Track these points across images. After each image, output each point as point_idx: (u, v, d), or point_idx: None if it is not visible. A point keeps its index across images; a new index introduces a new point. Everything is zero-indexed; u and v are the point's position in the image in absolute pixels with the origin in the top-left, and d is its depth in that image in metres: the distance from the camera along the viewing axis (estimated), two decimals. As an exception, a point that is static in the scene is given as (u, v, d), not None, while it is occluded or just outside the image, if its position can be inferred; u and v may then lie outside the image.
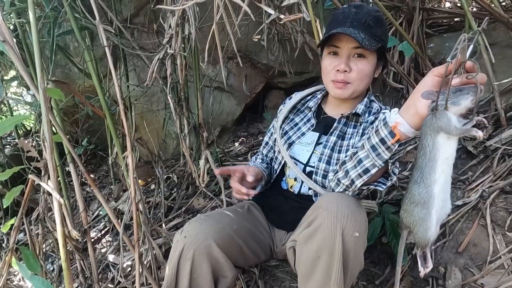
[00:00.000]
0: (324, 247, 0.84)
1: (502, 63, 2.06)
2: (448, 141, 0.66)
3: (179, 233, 1.04)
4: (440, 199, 0.70)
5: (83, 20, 1.68)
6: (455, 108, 0.64)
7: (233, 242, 1.07)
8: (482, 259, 1.20)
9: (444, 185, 0.69)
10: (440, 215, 0.71)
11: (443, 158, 0.67)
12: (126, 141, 1.28)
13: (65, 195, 1.54)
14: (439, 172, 0.68)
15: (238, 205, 1.26)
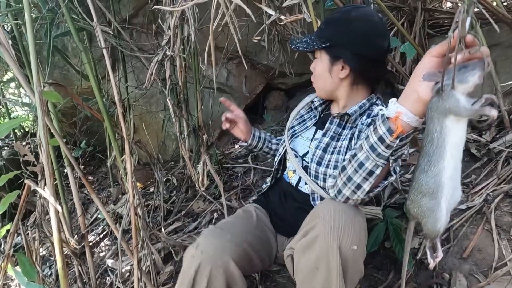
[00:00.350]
0: (322, 259, 0.83)
1: (505, 64, 2.04)
2: (457, 124, 0.61)
3: (194, 247, 0.99)
4: (450, 187, 0.64)
5: (81, 21, 1.65)
6: (463, 86, 0.59)
7: (247, 255, 1.06)
8: (488, 265, 1.17)
9: (453, 172, 0.64)
10: (450, 204, 0.66)
11: (453, 143, 0.62)
12: (124, 144, 1.26)
13: (63, 199, 1.51)
14: (448, 158, 0.63)
15: (246, 211, 1.22)
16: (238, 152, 2.36)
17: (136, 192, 1.34)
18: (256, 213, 1.21)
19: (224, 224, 1.13)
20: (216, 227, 1.09)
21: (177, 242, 1.55)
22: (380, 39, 1.02)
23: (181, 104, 1.84)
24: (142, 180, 2.07)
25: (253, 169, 2.09)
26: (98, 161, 2.95)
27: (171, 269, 1.49)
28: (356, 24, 1.01)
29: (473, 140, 1.72)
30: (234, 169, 2.16)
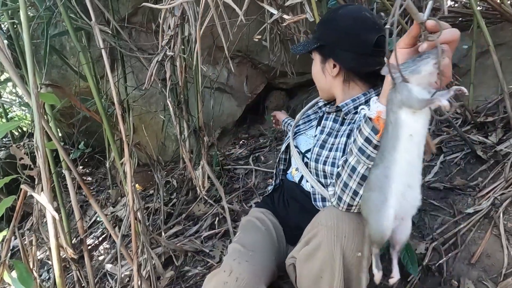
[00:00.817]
0: (325, 267, 0.81)
1: (511, 64, 2.01)
2: (413, 116, 0.56)
3: (225, 272, 0.92)
4: (401, 183, 0.57)
5: (79, 21, 1.61)
6: (416, 76, 0.55)
7: (274, 275, 1.04)
8: (497, 272, 1.15)
9: (407, 167, 0.57)
10: (403, 205, 0.57)
11: (407, 135, 0.56)
12: (123, 145, 1.22)
13: (61, 202, 1.48)
14: (401, 151, 0.57)
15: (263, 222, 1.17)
16: (239, 153, 2.33)
17: (136, 196, 1.30)
18: (272, 224, 1.17)
19: (253, 244, 1.05)
20: (246, 248, 1.02)
21: (177, 246, 1.51)
22: (368, 33, 0.97)
23: (181, 105, 1.81)
24: (142, 183, 2.04)
25: (255, 170, 2.06)
26: (97, 162, 2.92)
27: (172, 274, 1.46)
28: (342, 21, 1.01)
29: (479, 142, 1.69)
30: (235, 171, 2.12)
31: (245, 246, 1.02)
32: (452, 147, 1.77)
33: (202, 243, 1.58)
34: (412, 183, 0.58)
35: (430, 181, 1.60)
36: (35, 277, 1.30)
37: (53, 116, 1.34)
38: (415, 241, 1.34)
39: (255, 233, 1.10)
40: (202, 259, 1.51)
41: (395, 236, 0.61)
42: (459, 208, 1.42)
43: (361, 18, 0.99)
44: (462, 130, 1.83)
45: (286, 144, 1.27)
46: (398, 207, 0.58)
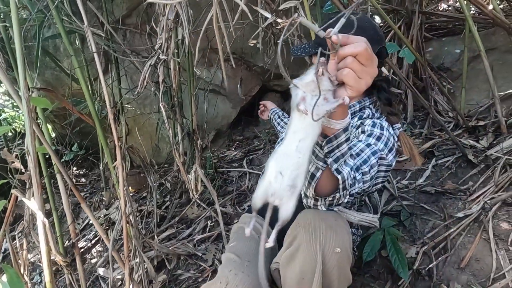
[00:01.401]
0: (306, 267, 0.81)
1: (502, 69, 2.03)
2: (300, 116, 0.64)
3: (222, 284, 0.92)
4: (273, 168, 0.66)
5: (73, 24, 1.60)
6: (301, 83, 0.63)
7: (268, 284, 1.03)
8: (485, 276, 1.16)
9: (282, 156, 0.66)
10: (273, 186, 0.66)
11: (291, 131, 0.66)
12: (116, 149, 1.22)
13: (53, 206, 1.47)
14: (284, 144, 0.66)
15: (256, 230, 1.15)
16: (233, 156, 2.33)
17: (128, 200, 1.30)
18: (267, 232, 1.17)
19: (247, 254, 1.05)
20: (241, 258, 1.02)
21: (170, 250, 1.51)
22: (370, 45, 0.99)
23: (175, 107, 1.80)
24: (135, 186, 2.03)
25: (249, 173, 2.06)
26: (91, 163, 2.90)
27: (164, 278, 1.46)
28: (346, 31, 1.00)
29: (470, 146, 1.71)
30: (229, 173, 2.13)
31: (240, 256, 1.02)
32: (444, 151, 1.78)
33: (195, 247, 1.58)
34: (283, 171, 0.66)
35: (422, 185, 1.62)
36: (26, 281, 1.30)
37: (44, 119, 1.33)
38: (406, 245, 1.35)
39: (249, 242, 1.10)
40: (195, 263, 1.51)
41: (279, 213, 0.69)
42: (450, 212, 1.43)
43: (363, 28, 0.98)
44: (454, 134, 1.84)
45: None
46: (269, 185, 0.66)
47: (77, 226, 2.04)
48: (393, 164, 0.96)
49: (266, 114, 1.67)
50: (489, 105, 1.92)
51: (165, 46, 1.42)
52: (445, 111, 2.04)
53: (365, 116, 1.05)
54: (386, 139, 0.94)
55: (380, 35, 1.01)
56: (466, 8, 1.70)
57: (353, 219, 1.08)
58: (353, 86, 0.61)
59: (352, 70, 0.60)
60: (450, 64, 2.22)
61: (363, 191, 0.94)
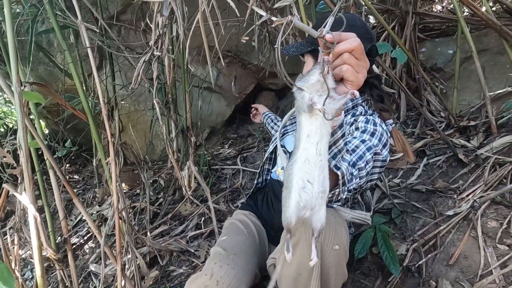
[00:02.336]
0: (303, 263, 0.82)
1: (494, 70, 2.06)
2: (310, 119, 0.64)
3: (207, 276, 0.93)
4: (300, 178, 0.64)
5: (68, 19, 1.59)
6: (306, 85, 0.63)
7: (256, 277, 1.04)
8: (473, 272, 1.18)
9: (305, 163, 0.64)
10: (304, 198, 0.64)
11: (305, 136, 0.64)
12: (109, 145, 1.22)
13: (45, 201, 1.46)
14: (301, 150, 0.65)
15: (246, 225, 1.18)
16: (227, 153, 2.33)
17: (121, 196, 1.30)
18: (255, 226, 1.18)
19: (234, 248, 1.06)
20: (227, 251, 1.03)
21: (163, 246, 1.52)
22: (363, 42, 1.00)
23: (169, 104, 1.80)
24: (128, 182, 2.03)
25: (242, 171, 2.07)
26: (84, 160, 2.89)
27: (156, 274, 1.46)
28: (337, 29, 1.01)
29: (461, 145, 1.73)
30: (223, 171, 2.13)
31: (227, 250, 1.03)
32: (435, 150, 1.81)
33: (188, 243, 1.59)
34: (310, 178, 0.64)
35: (413, 183, 1.63)
36: (17, 276, 1.29)
37: (37, 114, 1.33)
38: (397, 242, 1.37)
39: (238, 236, 1.11)
40: (187, 259, 1.52)
41: (311, 224, 0.67)
42: (440, 210, 1.45)
43: (355, 27, 1.00)
44: (446, 134, 1.87)
45: (274, 145, 1.28)
46: (299, 199, 0.64)
47: (70, 223, 2.03)
48: (387, 159, 0.97)
49: (258, 117, 1.68)
50: (480, 106, 1.95)
51: (159, 42, 1.42)
52: (437, 111, 2.07)
53: (358, 113, 1.06)
54: (380, 135, 0.95)
55: (370, 33, 1.02)
56: (459, 9, 1.72)
57: (347, 216, 1.09)
58: (353, 80, 0.63)
59: (350, 66, 0.61)
60: (443, 65, 2.24)
61: (359, 187, 0.95)
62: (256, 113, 1.69)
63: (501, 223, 1.30)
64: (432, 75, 2.23)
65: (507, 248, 1.21)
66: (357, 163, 0.86)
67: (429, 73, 2.24)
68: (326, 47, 0.61)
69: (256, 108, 1.70)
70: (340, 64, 0.61)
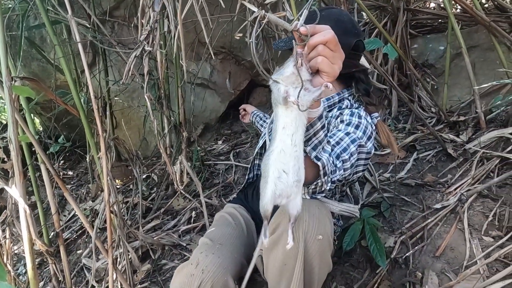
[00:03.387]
0: (288, 254, 0.84)
1: (484, 66, 2.08)
2: (285, 111, 0.65)
3: (192, 265, 0.95)
4: (276, 169, 0.66)
5: (60, 14, 1.60)
6: (282, 77, 0.64)
7: (242, 267, 1.05)
8: (459, 264, 1.20)
9: (280, 154, 0.66)
10: (279, 187, 0.66)
11: (281, 127, 0.66)
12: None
13: (37, 196, 1.47)
14: (277, 141, 0.66)
15: (234, 217, 1.20)
16: (220, 149, 2.35)
17: (113, 190, 1.31)
18: (243, 218, 1.20)
19: (221, 238, 1.08)
20: (214, 241, 1.04)
21: (155, 240, 1.53)
22: (347, 37, 1.01)
23: (161, 100, 1.81)
24: (120, 177, 2.04)
25: (235, 166, 2.08)
26: (78, 156, 2.89)
27: (148, 268, 1.47)
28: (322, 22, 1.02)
29: (451, 140, 1.76)
30: (216, 166, 2.15)
31: (213, 240, 1.05)
32: (425, 145, 1.83)
33: (180, 237, 1.60)
34: (286, 168, 0.66)
35: (403, 178, 1.66)
36: (9, 270, 1.30)
37: (28, 109, 1.33)
38: (385, 235, 1.39)
39: (225, 228, 1.13)
40: (179, 253, 1.53)
41: (288, 211, 0.71)
42: (428, 204, 1.48)
43: (342, 21, 1.02)
44: (436, 129, 1.89)
45: (263, 140, 1.30)
46: (275, 188, 0.66)
47: (63, 218, 2.04)
48: (372, 152, 0.99)
49: (247, 117, 1.69)
50: (470, 101, 1.97)
51: (150, 37, 1.42)
52: (428, 107, 2.09)
53: (344, 106, 1.08)
54: (364, 127, 0.97)
55: (357, 28, 1.04)
56: (449, 5, 1.74)
57: (334, 209, 1.11)
58: (329, 72, 0.64)
59: (325, 57, 0.62)
60: (434, 61, 2.26)
61: (344, 179, 0.96)
62: (245, 113, 1.70)
63: (487, 215, 1.32)
64: (423, 71, 2.25)
65: (492, 240, 1.24)
66: (341, 155, 0.87)
67: (421, 69, 2.25)
68: (301, 40, 0.62)
69: (244, 108, 1.70)
70: (315, 56, 0.62)
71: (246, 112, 1.70)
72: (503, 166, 1.49)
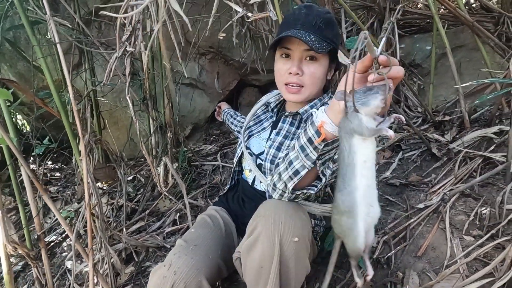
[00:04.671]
0: (265, 256, 0.84)
1: (469, 66, 2.10)
2: (364, 143, 0.63)
3: (165, 267, 0.95)
4: (364, 206, 0.65)
5: (41, 14, 1.58)
6: (366, 108, 0.62)
7: (219, 269, 1.05)
8: (440, 263, 1.21)
9: (366, 190, 0.65)
10: (368, 222, 0.66)
11: (361, 161, 0.64)
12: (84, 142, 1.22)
13: (19, 200, 1.45)
14: (359, 176, 0.64)
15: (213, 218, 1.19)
16: (208, 150, 2.34)
17: (94, 192, 1.30)
18: (223, 220, 1.19)
19: (196, 239, 1.07)
20: (188, 242, 1.04)
21: (138, 242, 1.52)
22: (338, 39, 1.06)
23: (147, 100, 1.80)
24: (105, 179, 2.02)
25: (222, 167, 2.08)
26: (66, 157, 2.86)
27: (132, 270, 1.46)
28: (332, 27, 1.01)
29: (435, 140, 1.76)
30: (203, 167, 2.14)
31: (188, 241, 1.05)
32: (411, 145, 1.84)
33: (164, 239, 1.59)
34: (372, 202, 0.66)
35: (388, 178, 1.66)
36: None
37: (7, 111, 1.31)
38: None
39: (202, 229, 1.12)
40: (164, 255, 1.52)
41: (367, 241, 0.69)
42: (412, 204, 1.48)
43: (333, 24, 1.02)
44: (422, 129, 1.90)
45: (241, 148, 1.25)
46: (365, 224, 0.66)
47: (49, 220, 2.02)
48: None
49: (221, 115, 1.70)
50: (456, 101, 1.99)
51: (132, 38, 1.41)
52: (414, 106, 2.10)
53: None
54: None
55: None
56: (433, 6, 1.74)
57: (315, 211, 1.11)
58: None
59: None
60: (421, 61, 2.27)
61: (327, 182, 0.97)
62: (219, 111, 1.70)
63: (469, 215, 1.33)
64: (410, 71, 2.26)
65: (472, 239, 1.25)
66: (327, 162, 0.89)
67: (408, 69, 2.26)
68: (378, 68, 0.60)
69: (220, 106, 1.71)
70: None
71: (220, 110, 1.70)
72: (486, 166, 1.50)
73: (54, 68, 2.00)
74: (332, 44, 0.98)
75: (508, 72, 1.44)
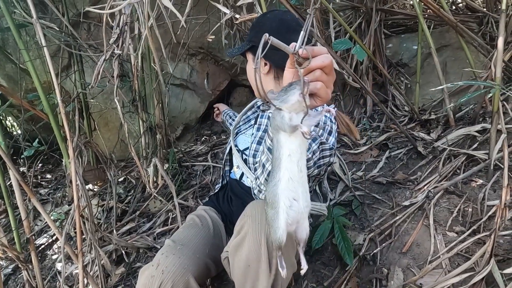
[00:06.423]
0: (252, 255, 0.85)
1: (454, 65, 2.13)
2: (289, 138, 0.64)
3: (153, 266, 0.97)
4: (286, 198, 0.65)
5: (28, 17, 1.57)
6: (286, 105, 0.62)
7: (207, 268, 1.07)
8: (424, 259, 1.24)
9: (289, 183, 0.65)
10: (292, 215, 0.66)
11: (286, 155, 0.64)
12: (74, 144, 1.23)
13: (7, 202, 1.45)
14: (283, 170, 0.65)
15: (202, 218, 1.21)
16: (199, 150, 2.35)
17: (83, 194, 1.31)
18: (211, 220, 1.21)
19: (183, 239, 1.10)
20: (176, 242, 1.06)
21: (129, 243, 1.53)
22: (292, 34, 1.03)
23: (136, 102, 1.80)
24: (95, 181, 2.02)
25: (212, 167, 2.09)
26: (57, 160, 2.85)
27: (122, 271, 1.47)
28: (269, 23, 1.06)
29: (421, 138, 1.80)
30: (194, 167, 2.15)
31: (175, 241, 1.07)
32: (397, 143, 1.87)
33: (155, 240, 1.60)
34: (296, 196, 0.66)
35: (375, 176, 1.69)
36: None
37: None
38: (355, 233, 1.42)
39: (190, 229, 1.14)
40: (154, 255, 1.53)
41: (297, 236, 0.70)
42: (398, 201, 1.51)
43: (286, 20, 1.05)
44: (408, 127, 1.93)
45: (229, 146, 1.32)
46: (287, 217, 0.66)
47: (39, 223, 2.01)
48: (335, 146, 1.01)
49: (220, 117, 1.72)
50: (441, 99, 2.02)
51: (120, 40, 1.42)
52: (402, 105, 2.13)
53: None
54: (323, 124, 1.00)
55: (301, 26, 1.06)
56: (418, 6, 1.77)
57: (300, 209, 1.13)
58: (324, 97, 0.63)
59: (323, 82, 0.61)
60: (408, 60, 2.31)
61: (309, 177, 0.99)
62: (218, 112, 1.72)
63: (452, 211, 1.36)
64: (397, 70, 2.29)
65: (455, 235, 1.28)
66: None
67: (395, 68, 2.30)
68: (298, 63, 0.60)
69: (218, 107, 1.73)
70: (313, 80, 0.61)
71: (219, 111, 1.72)
72: (469, 163, 1.54)
73: (43, 70, 1.99)
74: (250, 43, 1.07)
75: (490, 71, 1.48)
